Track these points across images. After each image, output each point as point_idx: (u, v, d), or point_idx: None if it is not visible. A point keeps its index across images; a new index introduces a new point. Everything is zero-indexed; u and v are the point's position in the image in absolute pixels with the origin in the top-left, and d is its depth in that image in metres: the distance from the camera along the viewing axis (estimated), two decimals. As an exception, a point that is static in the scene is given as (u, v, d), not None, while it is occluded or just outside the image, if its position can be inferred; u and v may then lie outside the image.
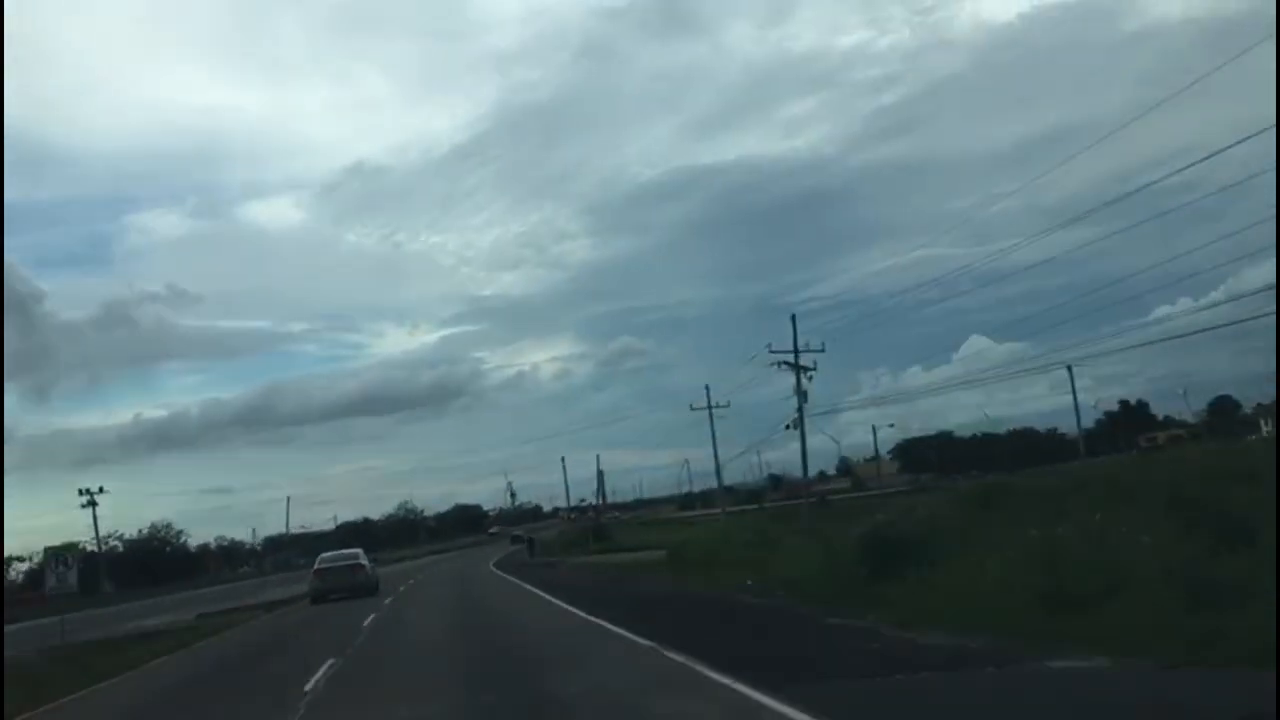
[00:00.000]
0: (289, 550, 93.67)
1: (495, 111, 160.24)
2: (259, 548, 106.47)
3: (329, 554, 34.23)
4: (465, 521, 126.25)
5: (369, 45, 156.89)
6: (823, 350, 35.40)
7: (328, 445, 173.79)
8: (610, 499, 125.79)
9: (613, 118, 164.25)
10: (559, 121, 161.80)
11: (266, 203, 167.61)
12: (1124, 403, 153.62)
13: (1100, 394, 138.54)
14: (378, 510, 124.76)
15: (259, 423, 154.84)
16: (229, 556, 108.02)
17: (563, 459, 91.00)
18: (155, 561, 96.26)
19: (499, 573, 39.17)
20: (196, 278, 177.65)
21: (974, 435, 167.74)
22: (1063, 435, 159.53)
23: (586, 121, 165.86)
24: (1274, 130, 12.37)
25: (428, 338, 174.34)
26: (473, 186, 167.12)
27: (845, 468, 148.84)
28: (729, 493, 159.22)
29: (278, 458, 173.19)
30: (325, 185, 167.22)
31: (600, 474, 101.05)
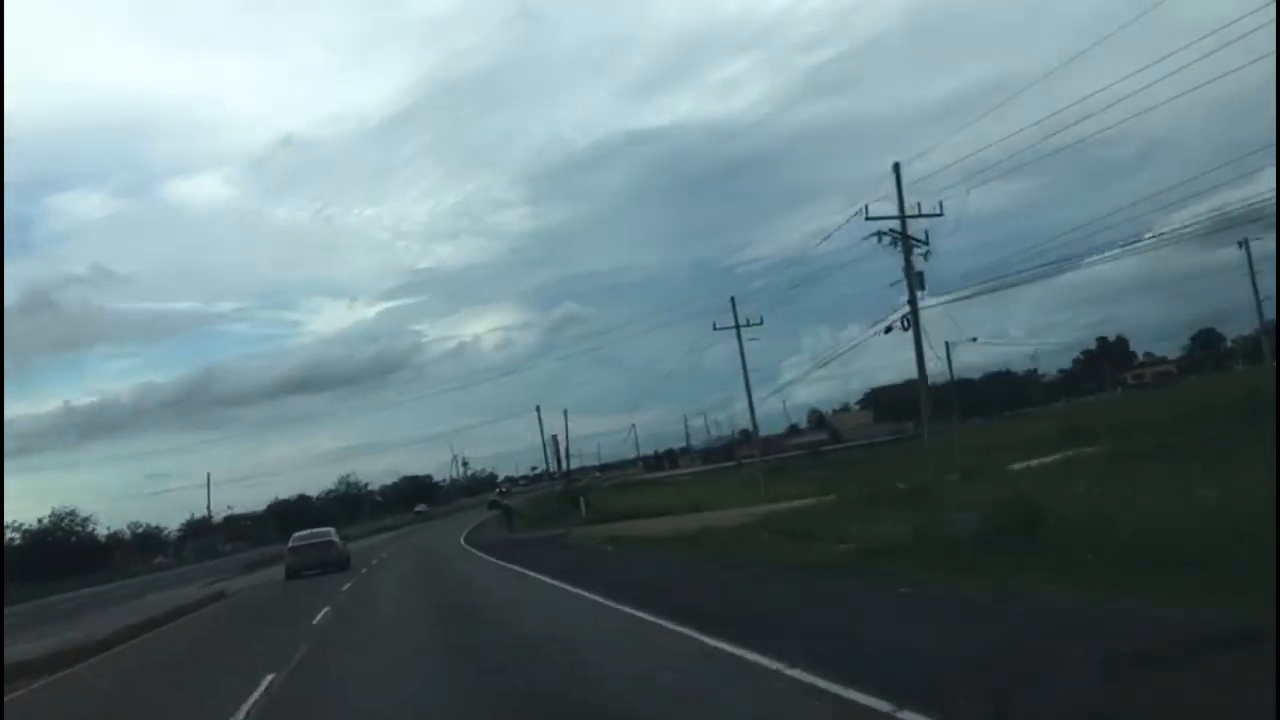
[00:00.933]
0: (214, 535, 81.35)
1: (427, 80, 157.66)
2: (178, 533, 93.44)
3: (302, 533, 35.34)
4: (414, 494, 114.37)
5: (294, 14, 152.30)
6: (940, 214, 25.13)
7: (266, 426, 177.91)
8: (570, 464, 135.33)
9: (546, 84, 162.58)
10: (492, 89, 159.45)
11: (193, 179, 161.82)
12: (1102, 339, 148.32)
13: (1035, 342, 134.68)
14: (318, 487, 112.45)
15: (194, 406, 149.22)
16: (144, 545, 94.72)
17: (537, 409, 78.03)
18: (58, 553, 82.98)
19: (508, 566, 23.83)
20: (123, 259, 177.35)
21: (946, 381, 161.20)
22: (1040, 377, 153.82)
23: (520, 88, 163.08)
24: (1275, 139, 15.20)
25: (365, 312, 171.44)
26: (406, 157, 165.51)
27: (819, 419, 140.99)
28: (685, 453, 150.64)
29: (214, 440, 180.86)
30: (254, 159, 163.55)
31: (554, 438, 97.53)
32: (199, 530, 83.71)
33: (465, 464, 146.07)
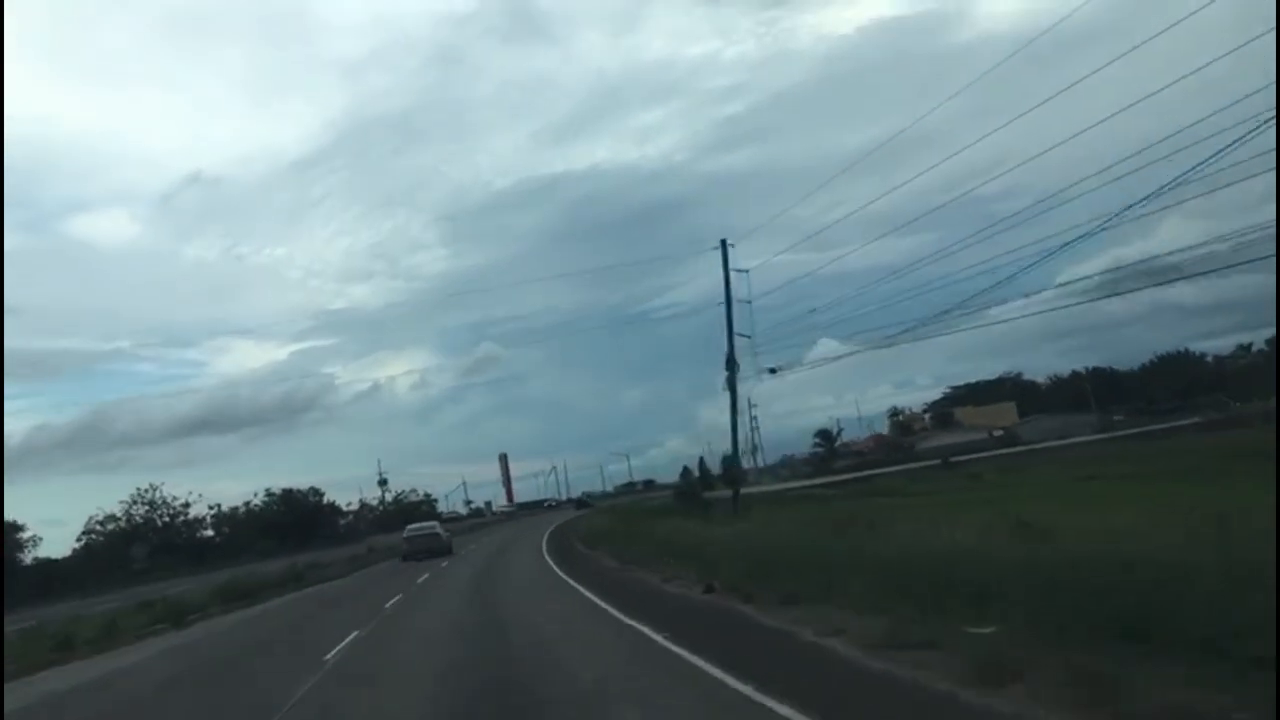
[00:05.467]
0: None
1: (342, 119, 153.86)
2: None
3: (414, 525, 45.84)
4: (289, 525, 61.53)
5: (205, 51, 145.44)
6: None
7: (166, 468, 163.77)
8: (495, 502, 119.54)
9: (464, 126, 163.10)
10: (409, 130, 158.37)
11: (96, 216, 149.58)
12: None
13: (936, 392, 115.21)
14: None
15: (89, 447, 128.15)
16: None
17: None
18: None
19: None
20: (18, 297, 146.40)
21: (1076, 372, 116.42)
22: (1224, 359, 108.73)
23: (437, 130, 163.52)
24: (1275, 139, 12.47)
25: (276, 354, 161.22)
26: (320, 196, 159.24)
27: (939, 415, 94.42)
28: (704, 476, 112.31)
29: (108, 483, 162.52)
30: (161, 197, 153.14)
31: (502, 457, 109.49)
32: None
33: (384, 482, 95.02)
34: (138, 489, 58.42)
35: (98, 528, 55.20)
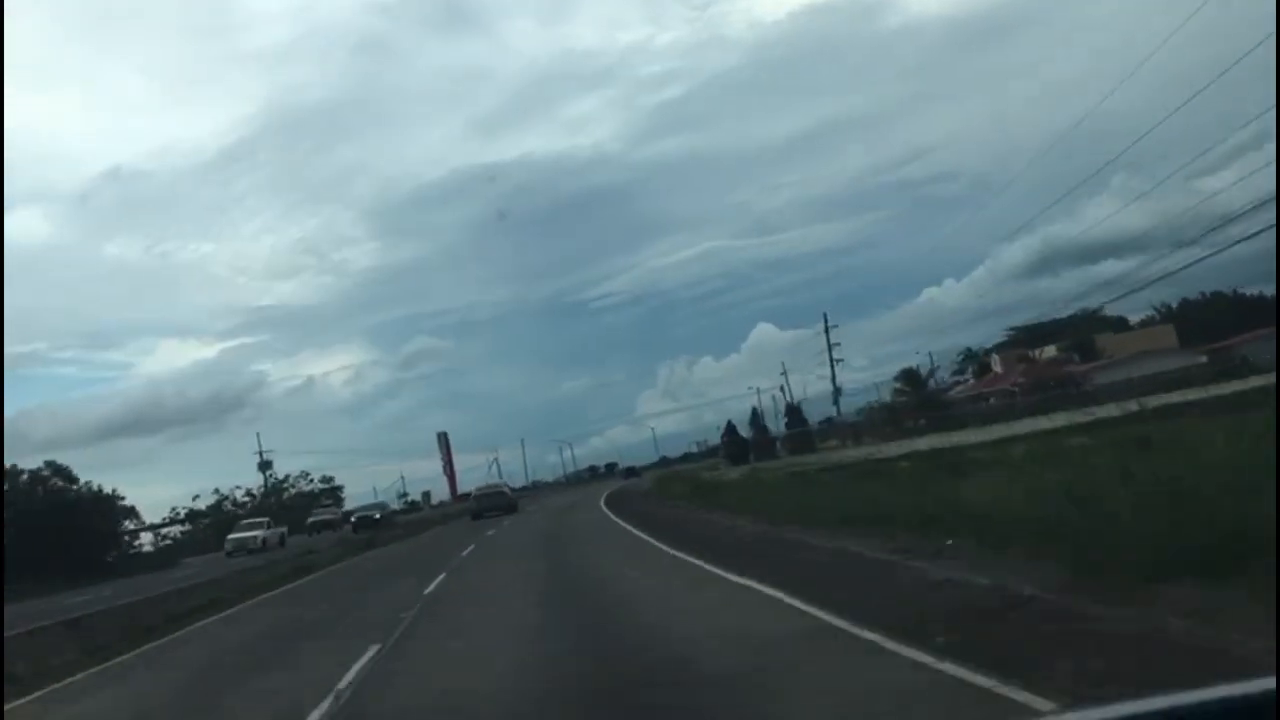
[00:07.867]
0: None
1: (265, 112, 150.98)
2: None
3: (482, 484, 49.56)
4: (28, 537, 32.96)
5: (119, 43, 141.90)
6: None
7: (87, 471, 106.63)
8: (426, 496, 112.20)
9: (392, 117, 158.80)
10: (335, 122, 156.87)
11: (9, 214, 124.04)
12: None
13: (875, 374, 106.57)
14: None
15: (10, 453, 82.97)
16: None
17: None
18: None
19: None
20: None
21: (1205, 294, 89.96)
22: None
23: (364, 121, 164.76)
24: (1275, 133, 6.79)
25: (204, 352, 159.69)
26: (244, 191, 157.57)
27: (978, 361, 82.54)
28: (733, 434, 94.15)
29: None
30: (78, 194, 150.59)
31: (441, 435, 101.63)
32: None
33: (267, 465, 72.67)
34: None
35: None
